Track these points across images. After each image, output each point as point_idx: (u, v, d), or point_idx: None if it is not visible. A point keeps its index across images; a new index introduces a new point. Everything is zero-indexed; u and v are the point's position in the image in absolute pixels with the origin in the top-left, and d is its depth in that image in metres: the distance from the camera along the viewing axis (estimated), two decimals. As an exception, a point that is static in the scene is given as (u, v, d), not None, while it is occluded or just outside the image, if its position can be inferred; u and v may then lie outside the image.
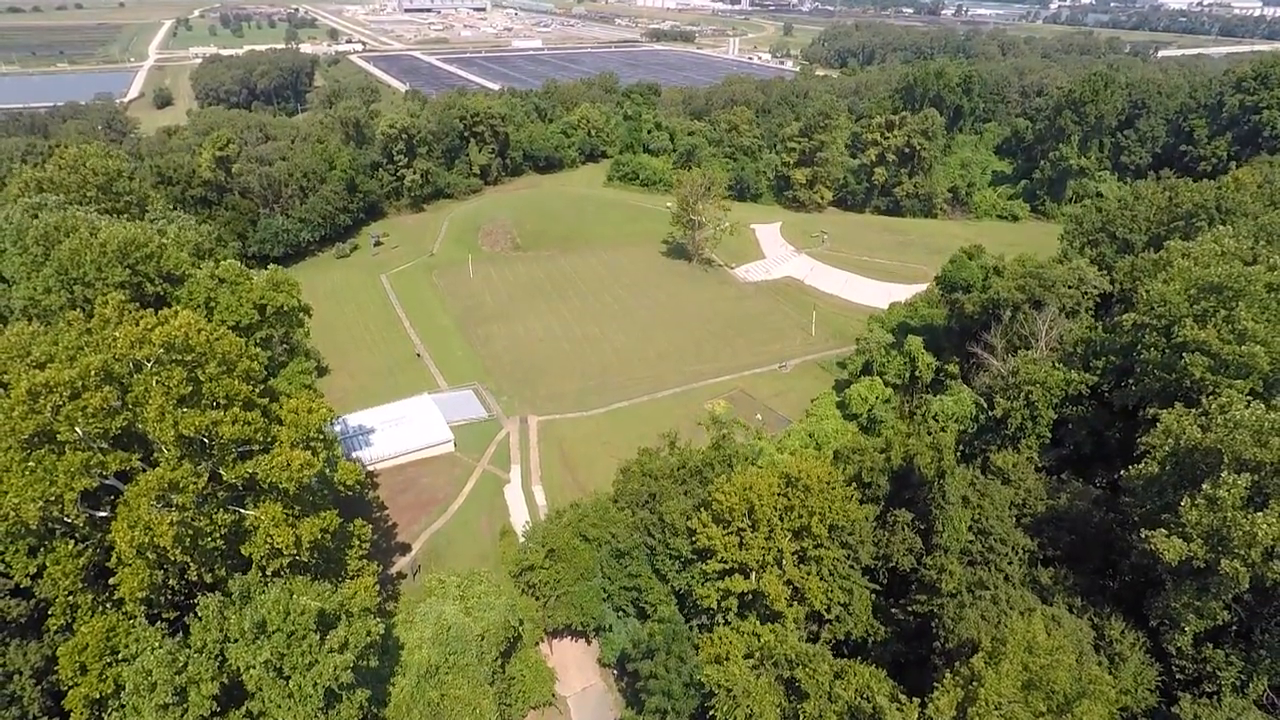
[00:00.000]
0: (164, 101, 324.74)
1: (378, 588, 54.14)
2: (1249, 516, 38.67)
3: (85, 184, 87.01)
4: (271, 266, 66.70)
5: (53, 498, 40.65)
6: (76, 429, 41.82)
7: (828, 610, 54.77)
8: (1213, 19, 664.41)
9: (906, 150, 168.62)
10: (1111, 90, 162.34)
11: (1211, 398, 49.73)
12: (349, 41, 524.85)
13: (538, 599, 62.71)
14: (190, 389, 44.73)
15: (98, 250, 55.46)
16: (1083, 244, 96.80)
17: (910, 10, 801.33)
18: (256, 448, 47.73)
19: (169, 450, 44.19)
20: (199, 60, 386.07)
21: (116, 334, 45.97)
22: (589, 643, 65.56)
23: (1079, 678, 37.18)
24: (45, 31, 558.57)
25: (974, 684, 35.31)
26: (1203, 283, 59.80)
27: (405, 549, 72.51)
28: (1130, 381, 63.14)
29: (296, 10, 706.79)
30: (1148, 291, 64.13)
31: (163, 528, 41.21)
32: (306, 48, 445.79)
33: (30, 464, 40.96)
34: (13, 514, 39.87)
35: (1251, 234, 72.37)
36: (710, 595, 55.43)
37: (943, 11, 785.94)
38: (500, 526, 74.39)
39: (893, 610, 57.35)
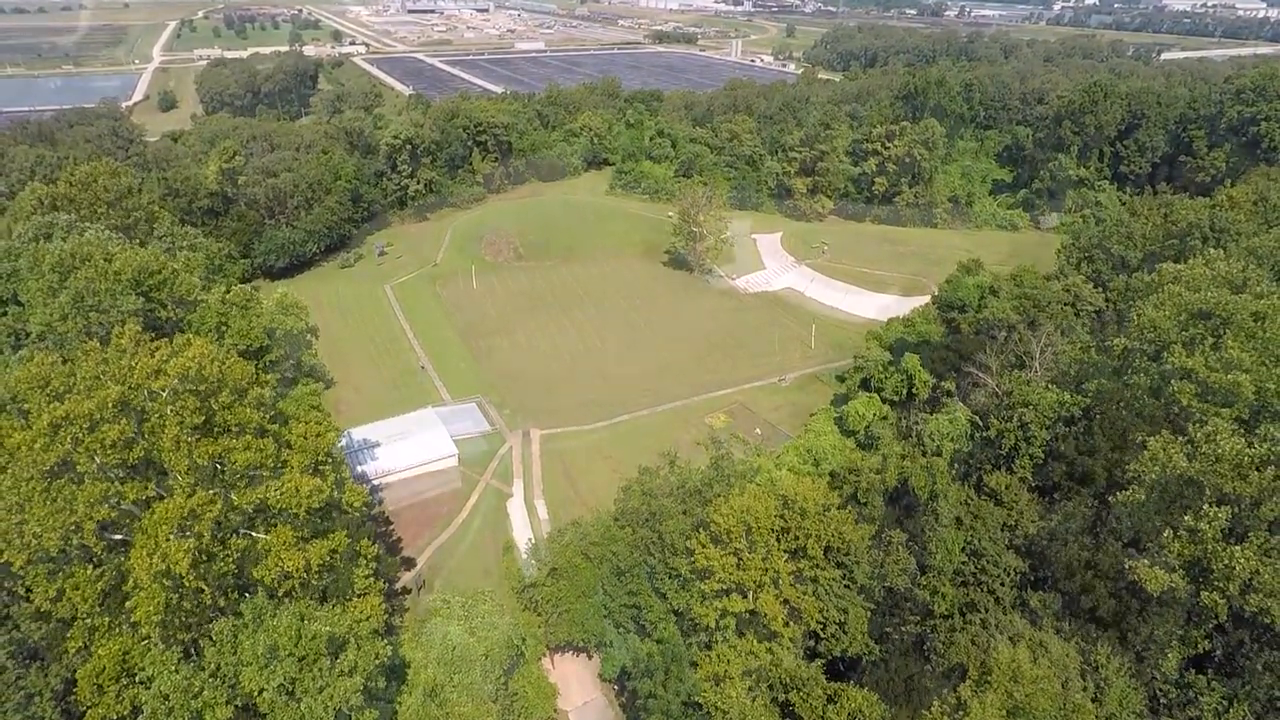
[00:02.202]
0: (169, 105, 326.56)
1: (384, 605, 55.59)
2: (1228, 549, 39.91)
3: (96, 200, 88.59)
4: (281, 289, 68.20)
5: (73, 527, 42.05)
6: (95, 459, 43.25)
7: (823, 629, 56.14)
8: (1216, 20, 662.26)
9: (907, 160, 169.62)
10: (1110, 100, 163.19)
11: (1198, 425, 50.91)
12: (352, 43, 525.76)
13: (540, 615, 64.17)
14: (203, 418, 46.17)
15: (112, 279, 57.01)
16: (1079, 259, 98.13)
17: (913, 11, 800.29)
18: (267, 473, 49.17)
19: (182, 478, 45.58)
20: (203, 62, 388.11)
21: (133, 364, 47.35)
22: (590, 658, 66.97)
23: (1063, 705, 38.51)
24: (50, 33, 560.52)
25: (960, 712, 36.64)
26: (1192, 308, 61.03)
27: (410, 564, 73.95)
28: (1121, 405, 64.35)
29: (300, 11, 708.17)
30: (1139, 315, 65.35)
31: (179, 555, 42.59)
32: (310, 50, 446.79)
33: (51, 494, 42.38)
34: (35, 543, 41.29)
35: (1242, 256, 73.58)
36: (708, 614, 56.68)
37: (946, 13, 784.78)
38: (503, 541, 75.82)
39: (887, 629, 58.72)
